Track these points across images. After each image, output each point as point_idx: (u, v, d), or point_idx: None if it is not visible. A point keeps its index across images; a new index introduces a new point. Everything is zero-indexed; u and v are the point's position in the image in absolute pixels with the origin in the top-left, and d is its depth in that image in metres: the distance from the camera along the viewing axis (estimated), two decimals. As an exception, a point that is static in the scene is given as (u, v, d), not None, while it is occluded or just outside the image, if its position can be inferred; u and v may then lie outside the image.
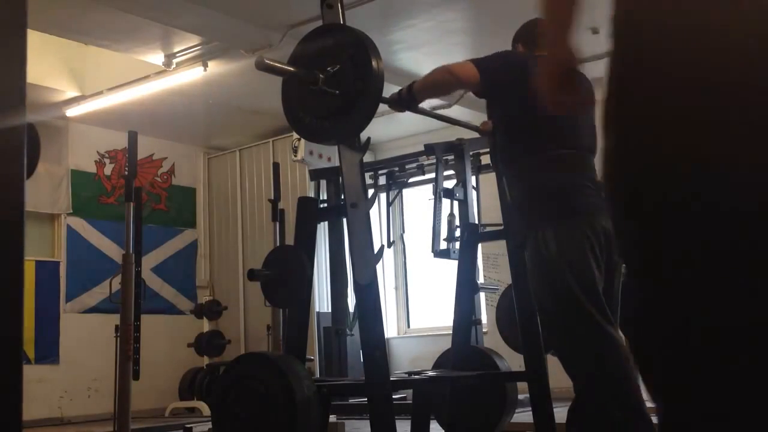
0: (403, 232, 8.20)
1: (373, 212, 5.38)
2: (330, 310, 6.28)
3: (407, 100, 2.91)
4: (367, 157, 5.03)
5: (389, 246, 6.04)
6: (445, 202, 3.84)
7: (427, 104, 3.22)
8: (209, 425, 4.06)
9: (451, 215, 3.88)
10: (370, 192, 2.98)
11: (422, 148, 4.39)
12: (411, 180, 5.26)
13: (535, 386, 3.07)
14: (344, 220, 2.79)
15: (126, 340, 4.07)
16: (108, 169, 7.85)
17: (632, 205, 1.09)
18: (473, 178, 3.94)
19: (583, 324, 2.52)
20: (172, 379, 7.28)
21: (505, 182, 2.91)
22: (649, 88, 1.06)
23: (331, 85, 2.65)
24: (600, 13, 1.26)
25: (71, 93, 6.82)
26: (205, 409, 6.73)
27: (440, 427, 3.67)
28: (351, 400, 5.47)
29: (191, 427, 5.15)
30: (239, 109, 7.35)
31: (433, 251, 3.89)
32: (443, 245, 3.80)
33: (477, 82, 2.74)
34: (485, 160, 4.08)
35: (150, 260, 7.59)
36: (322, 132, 2.77)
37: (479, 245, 3.81)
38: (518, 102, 2.70)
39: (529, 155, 2.73)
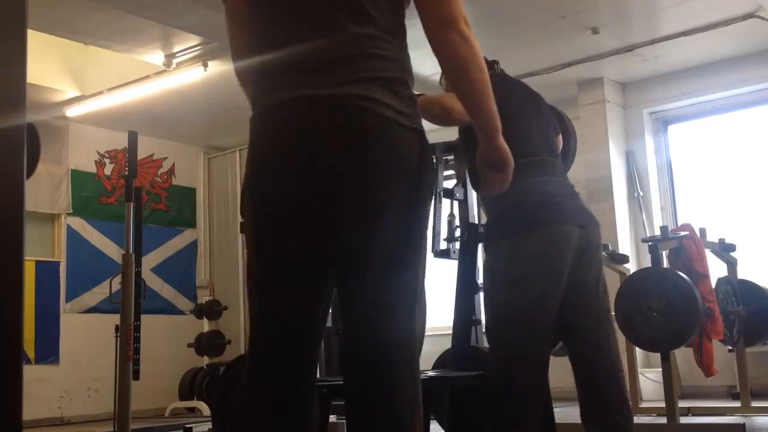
0: (404, 232, 8.17)
1: (373, 212, 5.34)
2: (330, 310, 6.29)
3: None
4: (367, 157, 5.02)
5: (389, 246, 6.03)
6: (445, 202, 3.84)
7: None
8: (209, 425, 4.06)
9: (451, 215, 3.88)
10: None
11: (422, 148, 4.37)
12: (411, 180, 5.26)
13: (535, 386, 3.06)
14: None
15: (126, 340, 4.07)
16: (108, 169, 7.85)
17: None
18: (473, 178, 3.93)
19: (506, 346, 2.52)
20: (172, 379, 7.28)
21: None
22: None
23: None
24: (600, 13, 1.26)
25: (71, 93, 6.82)
26: (205, 409, 6.73)
27: (440, 427, 3.67)
28: (351, 400, 5.47)
29: (191, 427, 5.15)
30: (239, 109, 7.21)
31: (433, 251, 3.88)
32: (443, 245, 3.79)
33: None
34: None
35: (150, 260, 7.60)
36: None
37: (479, 245, 3.80)
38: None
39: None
